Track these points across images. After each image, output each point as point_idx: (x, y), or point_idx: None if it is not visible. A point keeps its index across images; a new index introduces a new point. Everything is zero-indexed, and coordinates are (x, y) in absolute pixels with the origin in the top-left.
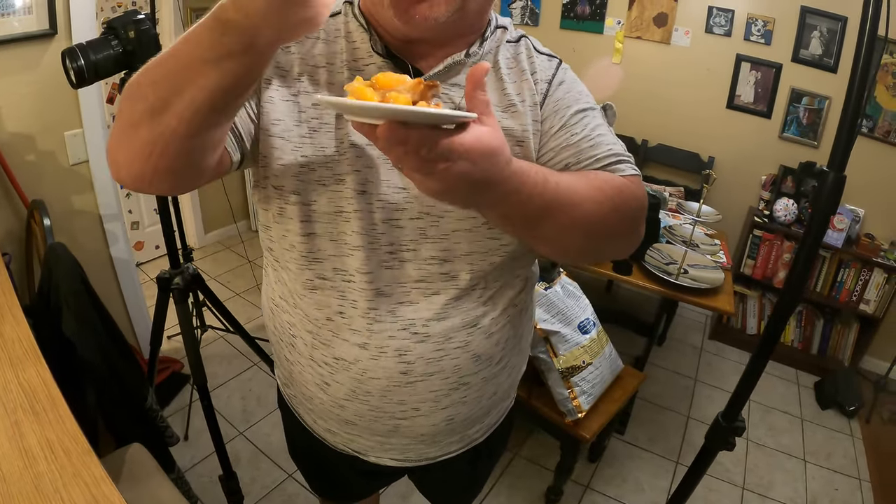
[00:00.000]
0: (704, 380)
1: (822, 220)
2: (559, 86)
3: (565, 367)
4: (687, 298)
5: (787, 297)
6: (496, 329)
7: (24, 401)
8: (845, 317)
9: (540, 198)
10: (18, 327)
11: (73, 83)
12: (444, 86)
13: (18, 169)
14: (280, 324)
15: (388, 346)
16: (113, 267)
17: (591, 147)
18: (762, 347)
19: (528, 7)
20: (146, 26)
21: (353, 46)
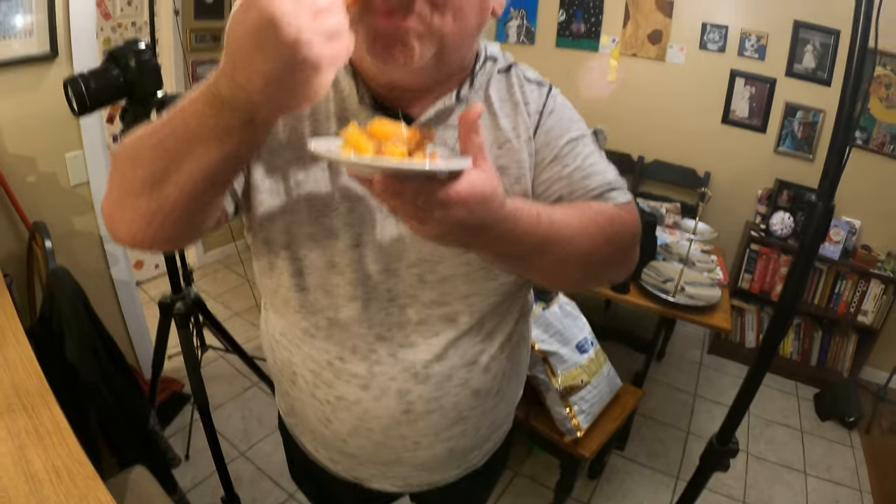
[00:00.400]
0: (704, 395)
1: (811, 249)
2: (550, 115)
3: (564, 387)
4: (684, 316)
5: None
6: (494, 364)
7: (29, 424)
8: (843, 328)
9: (534, 235)
10: (21, 350)
11: (74, 111)
12: (438, 128)
13: (19, 190)
14: (281, 359)
15: (389, 387)
16: (113, 288)
17: (584, 178)
18: (750, 379)
19: (524, 26)
20: (147, 56)
21: (341, 95)
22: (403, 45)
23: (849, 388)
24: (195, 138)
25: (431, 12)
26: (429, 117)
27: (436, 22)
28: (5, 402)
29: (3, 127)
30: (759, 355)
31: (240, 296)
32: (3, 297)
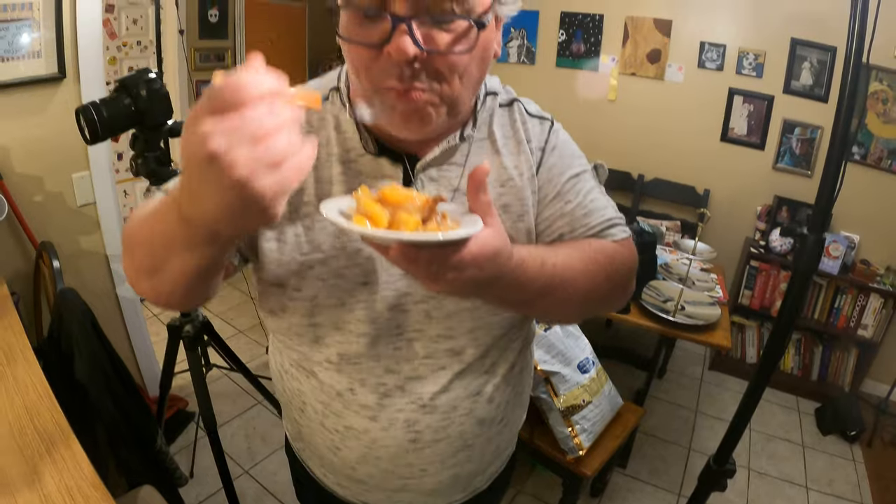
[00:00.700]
0: (705, 411)
1: (803, 280)
2: (552, 151)
3: (566, 407)
4: (684, 335)
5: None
6: (498, 394)
7: (41, 446)
8: (844, 342)
9: (538, 281)
10: (31, 370)
11: (86, 139)
12: (443, 167)
13: (27, 209)
14: (290, 389)
15: (397, 418)
16: (119, 306)
17: (585, 216)
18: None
19: (525, 46)
20: (158, 85)
21: (344, 137)
22: (421, 115)
23: (850, 401)
24: (172, 246)
25: (441, 82)
26: (434, 157)
27: (446, 89)
28: (17, 424)
29: (11, 147)
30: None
31: (243, 313)
32: (12, 316)
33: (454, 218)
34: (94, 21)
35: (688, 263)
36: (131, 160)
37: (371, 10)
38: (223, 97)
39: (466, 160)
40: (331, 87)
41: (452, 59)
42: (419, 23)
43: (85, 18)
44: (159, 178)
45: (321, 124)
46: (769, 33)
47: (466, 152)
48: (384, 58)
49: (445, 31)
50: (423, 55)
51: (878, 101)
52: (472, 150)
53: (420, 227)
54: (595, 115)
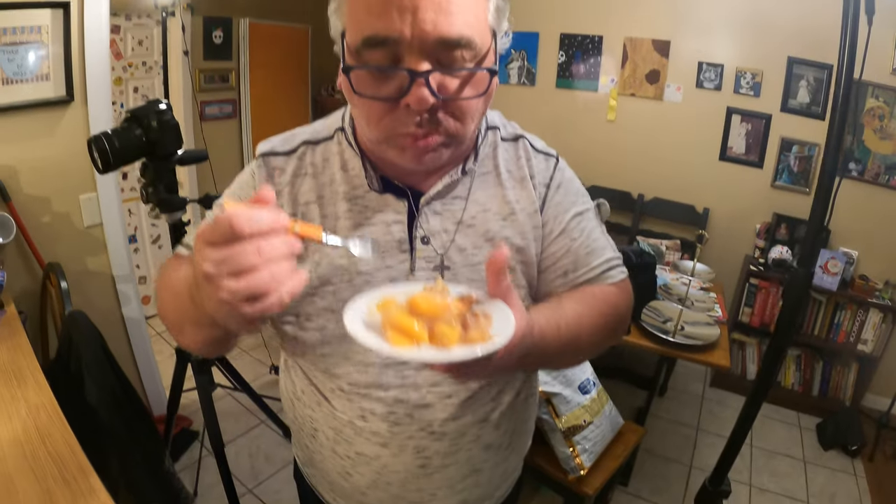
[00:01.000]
0: (706, 428)
1: (791, 314)
2: (557, 189)
3: (567, 427)
4: (684, 355)
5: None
6: (504, 421)
7: (55, 470)
8: (844, 357)
9: (555, 346)
10: (41, 392)
11: (99, 169)
12: (447, 201)
13: (34, 230)
14: (301, 415)
15: (407, 444)
16: (125, 326)
17: (587, 254)
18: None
19: (525, 67)
20: (168, 116)
21: (350, 175)
22: (433, 152)
23: (851, 416)
24: (186, 318)
25: (454, 124)
26: (437, 191)
27: (458, 129)
28: (30, 448)
29: (20, 169)
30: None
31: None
32: (20, 336)
33: (483, 311)
34: (101, 44)
35: (687, 284)
36: (141, 188)
37: (387, 68)
38: (221, 229)
39: (469, 193)
40: (336, 127)
41: (465, 103)
42: (433, 76)
43: (92, 42)
44: (168, 205)
45: (325, 165)
46: (766, 52)
47: (469, 185)
48: (401, 109)
49: (456, 77)
50: (440, 103)
51: (874, 118)
52: (476, 184)
53: (462, 335)
54: (595, 135)
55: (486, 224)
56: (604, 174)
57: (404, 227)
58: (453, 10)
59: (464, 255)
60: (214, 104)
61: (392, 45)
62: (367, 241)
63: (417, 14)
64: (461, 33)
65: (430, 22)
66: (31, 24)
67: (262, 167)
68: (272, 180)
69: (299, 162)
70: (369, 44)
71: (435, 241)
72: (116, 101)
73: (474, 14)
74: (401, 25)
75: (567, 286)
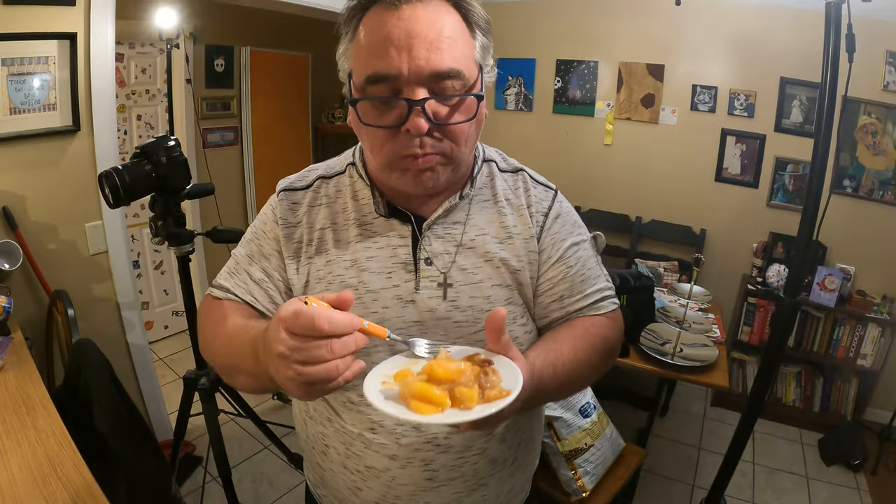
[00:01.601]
0: (708, 447)
1: (779, 341)
2: (556, 219)
3: (568, 450)
4: (683, 377)
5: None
6: (509, 435)
7: (66, 495)
8: (844, 373)
9: (553, 384)
10: (52, 421)
11: (110, 204)
12: (445, 227)
13: (41, 257)
14: (313, 434)
15: (414, 457)
16: (129, 353)
17: (582, 282)
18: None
19: (522, 93)
20: (177, 153)
21: (360, 204)
22: (432, 171)
23: (852, 430)
24: (242, 368)
25: (451, 148)
26: (438, 215)
27: (452, 150)
28: (40, 473)
29: (27, 196)
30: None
31: None
32: (28, 364)
33: (491, 367)
34: (107, 75)
35: (684, 306)
36: (150, 221)
37: (389, 100)
38: (303, 323)
39: (468, 218)
40: (347, 162)
41: (457, 127)
42: (428, 104)
43: (98, 73)
44: (177, 239)
45: (338, 195)
46: (759, 73)
47: (468, 211)
48: (401, 135)
49: (451, 106)
50: (435, 128)
51: (867, 134)
52: (474, 210)
53: (479, 393)
54: (592, 159)
55: (486, 246)
56: (601, 198)
57: (409, 250)
58: (443, 47)
59: (465, 274)
60: (216, 131)
61: (392, 81)
62: (423, 342)
63: (412, 52)
64: (450, 66)
65: (423, 58)
66: (39, 55)
67: (283, 201)
68: (293, 213)
69: (315, 194)
70: (372, 80)
71: (437, 262)
72: (120, 129)
73: (461, 50)
74: (398, 63)
75: (562, 310)
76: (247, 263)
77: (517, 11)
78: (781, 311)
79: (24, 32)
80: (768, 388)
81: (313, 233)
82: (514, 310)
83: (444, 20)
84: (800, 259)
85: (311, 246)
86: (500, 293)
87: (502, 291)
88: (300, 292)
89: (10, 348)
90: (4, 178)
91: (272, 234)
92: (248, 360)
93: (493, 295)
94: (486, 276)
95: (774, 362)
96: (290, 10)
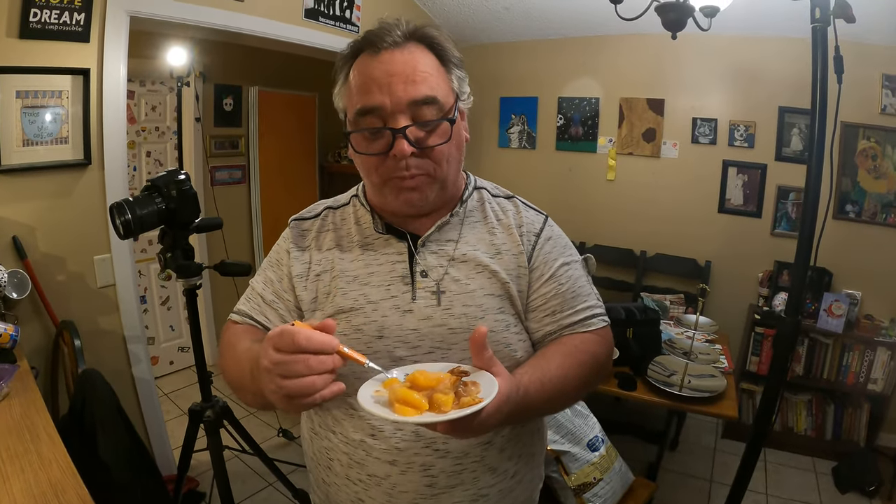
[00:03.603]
0: (720, 480)
1: (782, 360)
2: (547, 241)
3: (577, 485)
4: (691, 408)
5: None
6: (509, 445)
7: None
8: (855, 398)
9: (540, 399)
10: (55, 448)
11: (120, 235)
12: (438, 243)
13: (49, 288)
14: (318, 450)
15: (414, 462)
16: (134, 386)
17: (573, 298)
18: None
19: (525, 131)
20: (187, 186)
21: (363, 227)
22: (419, 191)
23: (866, 456)
24: (246, 385)
25: (434, 168)
26: (431, 232)
27: (436, 170)
28: (43, 499)
29: (37, 228)
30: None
31: None
32: (34, 392)
33: (472, 380)
34: (118, 110)
35: (691, 338)
36: (158, 254)
37: (376, 131)
38: (285, 340)
39: (459, 236)
40: (352, 195)
41: (437, 149)
42: (409, 130)
43: (110, 108)
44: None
45: (343, 222)
46: (757, 104)
47: (459, 230)
48: (390, 159)
49: (428, 131)
50: (417, 151)
51: (867, 158)
52: (466, 229)
53: (454, 399)
54: (595, 195)
55: (477, 259)
56: (606, 233)
57: (406, 264)
58: (418, 79)
59: (458, 284)
60: (224, 169)
61: (378, 112)
62: (401, 371)
63: (392, 87)
64: (426, 94)
65: (401, 91)
66: (53, 89)
67: (293, 229)
68: (302, 238)
69: (322, 222)
70: (361, 113)
71: (432, 274)
72: (129, 165)
73: (436, 81)
74: (381, 98)
75: (555, 324)
76: (261, 288)
77: (518, 51)
78: (783, 331)
79: (39, 66)
80: (775, 409)
81: (321, 254)
82: (507, 318)
83: (419, 59)
84: (800, 278)
85: (319, 265)
86: (492, 302)
87: (494, 301)
88: (309, 307)
89: (15, 376)
90: (15, 209)
91: (284, 260)
92: (248, 377)
93: (486, 304)
94: (479, 285)
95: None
96: (296, 50)
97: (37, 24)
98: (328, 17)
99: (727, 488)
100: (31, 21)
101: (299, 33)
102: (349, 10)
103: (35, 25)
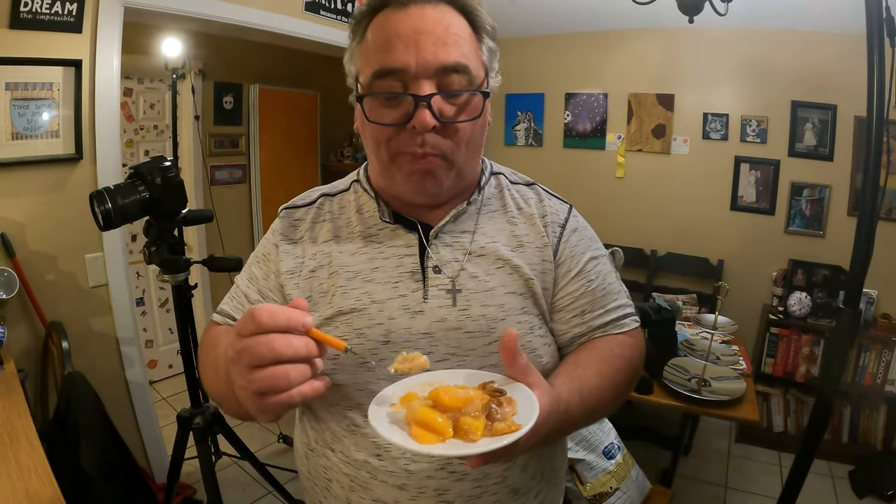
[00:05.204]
0: (735, 485)
1: (842, 356)
2: (573, 232)
3: (592, 495)
4: (711, 412)
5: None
6: (532, 462)
7: None
8: (872, 400)
9: (580, 412)
10: (34, 454)
11: (100, 226)
12: (453, 235)
13: (38, 287)
14: (315, 468)
15: (426, 486)
16: (128, 390)
17: (604, 296)
18: None
19: (532, 128)
20: (172, 173)
21: (365, 217)
22: (434, 176)
23: (883, 460)
24: (225, 394)
25: (452, 150)
26: (445, 222)
27: (452, 150)
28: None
29: (27, 224)
30: None
31: None
32: (17, 395)
33: (507, 396)
34: (111, 103)
35: (709, 338)
36: (144, 248)
37: (395, 96)
38: (245, 321)
39: (476, 227)
40: (352, 179)
41: (460, 126)
42: (434, 100)
43: (103, 101)
44: (172, 266)
45: (342, 211)
46: (769, 98)
47: (476, 220)
48: (406, 131)
49: (454, 104)
50: (439, 126)
51: (882, 153)
52: (483, 219)
53: (486, 424)
54: (604, 193)
55: (497, 252)
56: (615, 232)
57: (416, 259)
58: (450, 42)
59: (476, 281)
60: (224, 168)
61: (400, 75)
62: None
63: (420, 46)
64: (458, 60)
65: (430, 52)
66: (43, 81)
67: (283, 219)
68: (294, 229)
69: (318, 210)
70: (380, 75)
71: (446, 270)
72: (127, 163)
73: (468, 48)
74: (406, 58)
75: (584, 325)
76: (245, 286)
77: (524, 46)
78: (844, 323)
79: (29, 58)
80: (828, 415)
81: (316, 247)
82: (531, 320)
83: (451, 20)
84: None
85: (314, 260)
86: (514, 301)
87: (517, 300)
88: None
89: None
90: (3, 205)
91: (272, 255)
92: (224, 380)
93: (508, 303)
94: (500, 282)
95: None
96: (296, 44)
97: (27, 14)
98: (329, 11)
99: (743, 494)
100: (21, 11)
101: (299, 26)
102: (351, 3)
103: (26, 15)
